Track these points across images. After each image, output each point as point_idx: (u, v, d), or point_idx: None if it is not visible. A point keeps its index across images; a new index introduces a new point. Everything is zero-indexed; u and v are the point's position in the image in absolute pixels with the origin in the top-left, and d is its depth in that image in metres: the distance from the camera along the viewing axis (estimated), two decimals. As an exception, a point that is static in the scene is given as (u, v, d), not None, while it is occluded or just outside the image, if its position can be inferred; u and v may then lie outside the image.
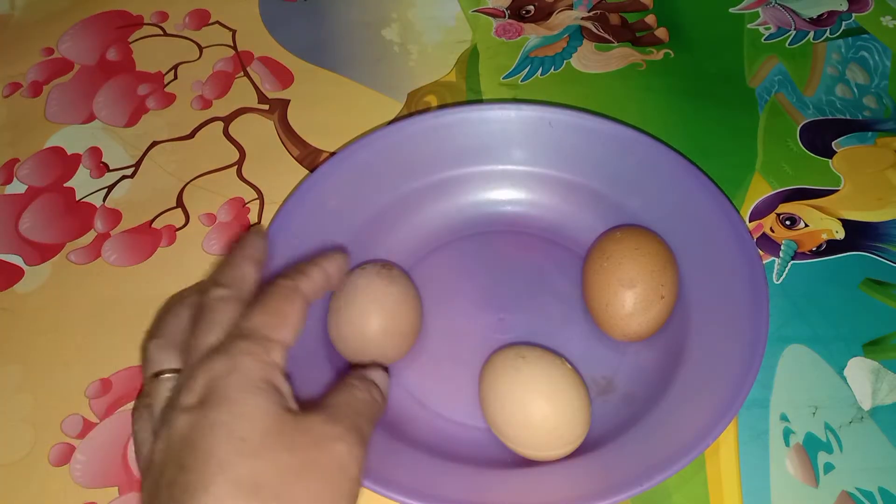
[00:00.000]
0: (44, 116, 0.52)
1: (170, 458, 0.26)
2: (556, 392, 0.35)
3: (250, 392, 0.27)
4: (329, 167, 0.43)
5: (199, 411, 0.27)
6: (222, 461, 0.25)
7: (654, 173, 0.43)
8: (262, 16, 0.58)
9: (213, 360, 0.28)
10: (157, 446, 0.27)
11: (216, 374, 0.27)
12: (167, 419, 0.28)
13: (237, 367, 0.28)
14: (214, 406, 0.27)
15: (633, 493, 0.33)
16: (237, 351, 0.28)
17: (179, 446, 0.26)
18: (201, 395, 0.27)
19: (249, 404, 0.27)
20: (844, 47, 0.55)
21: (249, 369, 0.28)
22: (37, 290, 0.44)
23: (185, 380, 0.28)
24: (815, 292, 0.43)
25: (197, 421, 0.26)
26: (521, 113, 0.45)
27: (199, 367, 0.28)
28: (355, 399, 0.30)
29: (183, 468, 0.26)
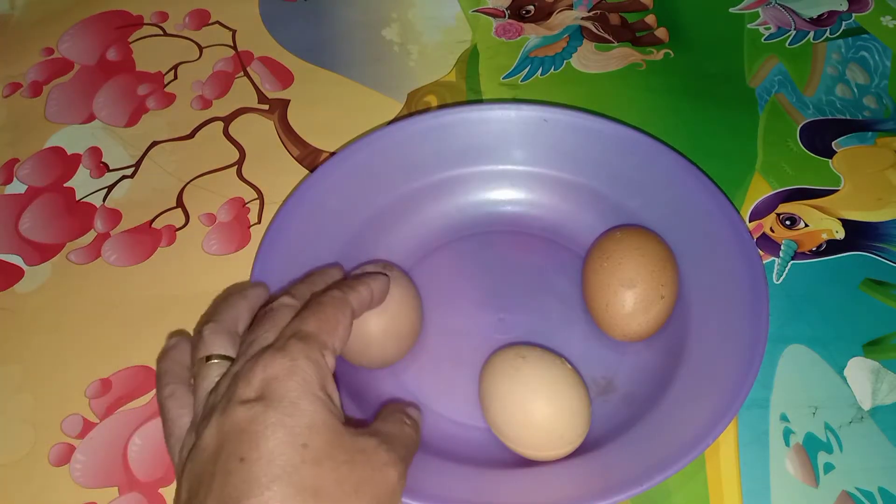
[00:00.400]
0: (44, 116, 0.52)
1: (225, 445, 0.27)
2: (556, 392, 0.35)
3: (310, 399, 0.28)
4: (329, 167, 0.43)
5: (258, 406, 0.27)
6: (286, 463, 0.26)
7: (654, 173, 0.43)
8: (262, 16, 0.58)
9: (272, 357, 0.29)
10: (206, 430, 0.28)
11: (275, 372, 0.28)
12: (221, 407, 0.28)
13: (297, 370, 0.28)
14: (275, 405, 0.27)
15: (633, 493, 0.33)
16: (297, 352, 0.29)
17: (237, 437, 0.27)
18: (259, 391, 0.28)
19: (310, 411, 0.28)
20: (844, 47, 0.55)
21: (309, 374, 0.29)
22: (37, 290, 0.44)
23: (242, 372, 0.29)
24: (815, 292, 0.43)
25: (256, 416, 0.27)
26: (521, 113, 0.45)
27: (257, 362, 0.29)
28: (405, 434, 0.32)
29: (244, 461, 0.26)
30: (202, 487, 0.27)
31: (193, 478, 0.28)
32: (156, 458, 0.38)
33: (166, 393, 0.33)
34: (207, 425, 0.28)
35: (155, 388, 0.34)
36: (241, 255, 0.45)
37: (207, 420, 0.29)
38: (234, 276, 0.44)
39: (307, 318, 0.31)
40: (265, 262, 0.40)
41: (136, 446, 0.39)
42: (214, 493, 0.26)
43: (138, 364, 0.41)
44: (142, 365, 0.41)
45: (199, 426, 0.29)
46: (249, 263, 0.40)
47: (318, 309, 0.32)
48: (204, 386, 0.31)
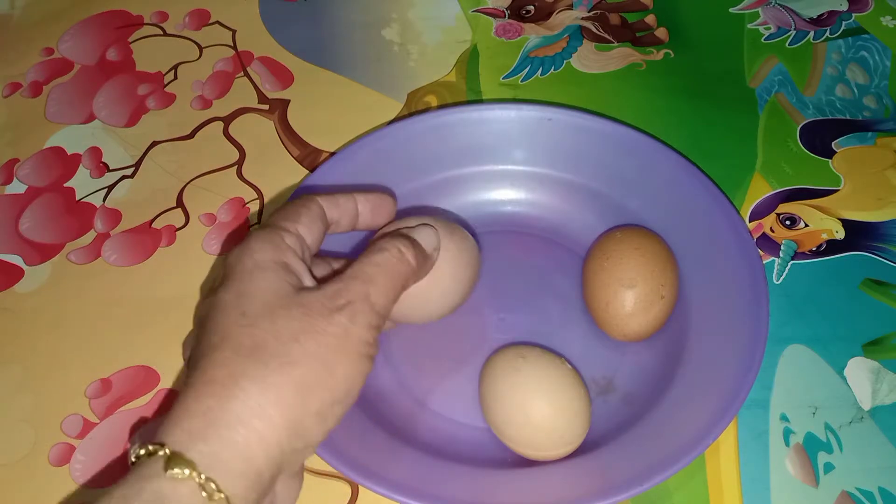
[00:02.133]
0: (44, 116, 0.52)
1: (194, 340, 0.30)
2: (556, 392, 0.35)
3: (256, 272, 0.30)
4: (329, 167, 0.43)
5: (213, 293, 0.30)
6: (224, 333, 0.28)
7: (654, 173, 0.43)
8: (262, 16, 0.58)
9: (232, 250, 0.31)
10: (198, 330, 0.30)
11: (231, 260, 0.31)
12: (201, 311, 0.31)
13: (246, 250, 0.30)
14: (223, 288, 0.30)
15: (633, 493, 0.33)
16: (251, 237, 0.31)
17: (199, 327, 0.30)
18: (222, 278, 0.30)
19: (253, 283, 0.29)
20: (844, 47, 0.55)
21: (257, 251, 0.30)
22: (37, 290, 0.44)
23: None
24: (815, 292, 0.43)
25: (211, 302, 0.30)
26: (521, 113, 0.45)
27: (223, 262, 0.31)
28: (374, 265, 0.31)
29: (198, 343, 0.29)
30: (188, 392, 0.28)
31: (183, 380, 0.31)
32: (156, 458, 0.38)
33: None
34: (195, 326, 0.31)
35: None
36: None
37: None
38: (234, 276, 0.44)
39: (271, 215, 0.33)
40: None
41: (136, 446, 0.39)
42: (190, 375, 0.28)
43: (138, 364, 0.41)
44: (142, 365, 0.41)
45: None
46: (249, 263, 0.40)
47: (280, 208, 0.33)
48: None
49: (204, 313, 0.30)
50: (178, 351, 0.41)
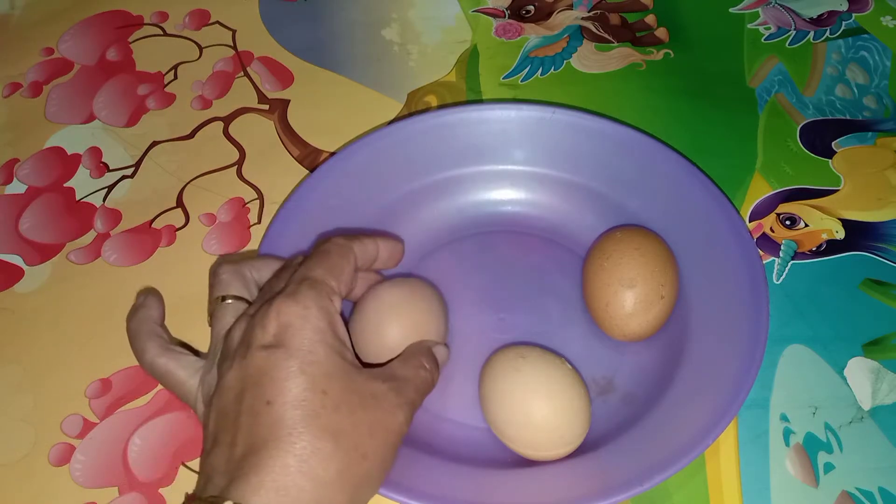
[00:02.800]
0: (44, 116, 0.52)
1: (249, 387, 0.30)
2: (556, 392, 0.35)
3: (324, 347, 0.30)
4: (329, 167, 0.43)
5: (278, 353, 0.30)
6: (309, 409, 0.29)
7: (654, 173, 0.43)
8: (262, 16, 0.58)
9: (285, 304, 0.31)
10: (230, 373, 0.30)
11: (289, 320, 0.30)
12: (242, 351, 0.31)
13: (309, 318, 0.31)
14: (295, 353, 0.30)
15: (633, 493, 0.33)
16: (307, 300, 0.31)
17: (260, 380, 0.29)
18: (276, 337, 0.30)
19: (325, 359, 0.30)
20: (844, 47, 0.55)
21: (321, 321, 0.31)
22: (37, 290, 0.44)
23: (258, 317, 0.31)
24: (815, 292, 0.43)
25: (278, 362, 0.30)
26: (521, 113, 0.45)
27: (271, 308, 0.31)
28: (418, 378, 0.33)
29: (270, 404, 0.29)
30: (229, 425, 0.29)
31: (219, 413, 0.30)
32: (156, 459, 0.38)
33: (153, 353, 0.34)
34: (231, 367, 0.31)
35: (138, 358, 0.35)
36: (241, 256, 0.45)
37: (230, 362, 0.31)
38: (234, 276, 0.44)
39: (313, 265, 0.33)
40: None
41: (136, 446, 0.39)
42: (243, 431, 0.29)
43: (138, 364, 0.41)
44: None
45: (222, 367, 0.32)
46: (249, 263, 0.40)
47: (324, 256, 0.34)
48: (220, 326, 0.34)
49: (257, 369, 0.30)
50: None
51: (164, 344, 0.35)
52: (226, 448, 0.29)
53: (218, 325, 0.34)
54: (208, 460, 0.29)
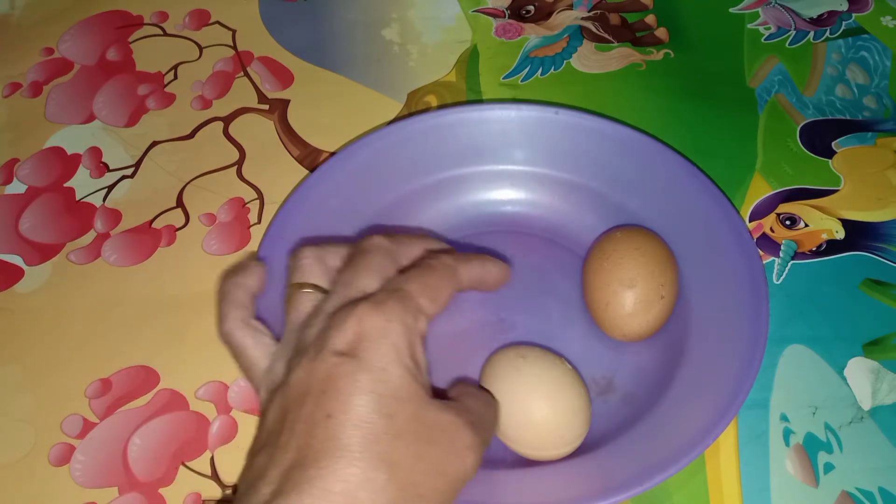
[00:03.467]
0: (44, 116, 0.52)
1: (313, 392, 0.28)
2: (557, 392, 0.35)
3: (400, 367, 0.28)
4: (329, 167, 0.43)
5: (350, 364, 0.28)
6: (370, 432, 0.26)
7: (654, 173, 0.43)
8: (262, 16, 0.58)
9: (368, 312, 0.29)
10: (297, 371, 0.29)
11: (369, 330, 0.28)
12: (314, 351, 0.29)
13: (390, 333, 0.28)
14: (367, 367, 0.28)
15: (633, 493, 0.33)
16: (393, 313, 0.29)
17: (325, 388, 0.27)
18: (351, 345, 0.28)
19: (398, 380, 0.28)
20: (844, 47, 0.55)
21: (401, 339, 0.29)
22: (37, 290, 0.44)
23: (337, 319, 0.29)
24: (815, 292, 0.43)
25: (347, 373, 0.27)
26: (521, 113, 0.45)
27: (353, 313, 0.29)
28: (489, 416, 0.32)
29: (330, 417, 0.27)
30: (286, 427, 0.28)
31: (280, 411, 0.28)
32: (156, 459, 0.38)
33: (233, 323, 0.33)
34: (298, 365, 0.29)
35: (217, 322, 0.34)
36: (241, 256, 0.45)
37: (299, 359, 0.29)
38: (234, 276, 0.44)
39: (412, 279, 0.31)
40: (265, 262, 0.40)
41: (135, 446, 0.39)
42: (297, 438, 0.27)
43: (138, 364, 0.41)
44: (142, 365, 0.41)
45: (291, 361, 0.30)
46: (249, 263, 0.40)
47: (426, 272, 0.32)
48: (295, 315, 0.32)
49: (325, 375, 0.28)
50: (178, 351, 0.42)
51: (246, 317, 0.33)
52: (278, 452, 0.27)
53: (294, 313, 0.32)
54: (257, 459, 0.28)
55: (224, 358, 0.41)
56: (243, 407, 0.40)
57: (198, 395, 0.40)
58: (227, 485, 0.38)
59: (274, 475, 0.27)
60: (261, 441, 0.29)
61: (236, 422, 0.39)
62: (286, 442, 0.27)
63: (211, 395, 0.40)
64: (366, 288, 0.31)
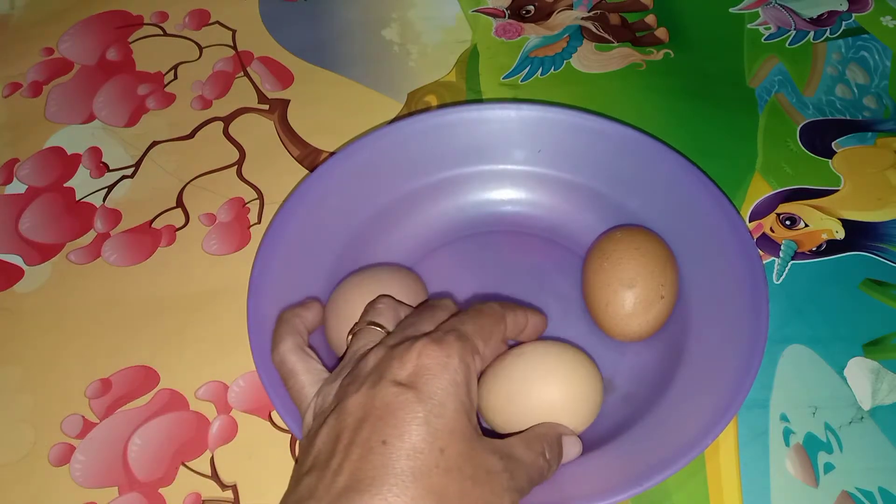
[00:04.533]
0: (44, 116, 0.52)
1: (370, 419, 0.28)
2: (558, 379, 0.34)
3: (456, 403, 0.29)
4: (329, 167, 0.43)
5: (409, 394, 0.29)
6: (423, 463, 0.27)
7: (654, 173, 0.43)
8: (262, 16, 0.58)
9: (429, 346, 0.30)
10: (354, 396, 0.30)
11: (429, 364, 0.30)
12: (373, 379, 0.30)
13: (449, 368, 0.30)
14: (425, 400, 0.29)
15: (633, 493, 0.33)
16: (452, 349, 0.30)
17: (383, 416, 0.28)
18: (411, 377, 0.29)
19: (453, 416, 0.29)
20: (844, 47, 0.55)
21: (459, 375, 0.30)
22: (37, 290, 0.44)
23: (398, 351, 0.30)
24: (815, 292, 0.43)
25: (405, 403, 0.28)
26: (521, 113, 0.45)
27: (414, 346, 0.30)
28: (536, 465, 0.32)
29: (386, 444, 0.28)
30: (339, 449, 0.28)
31: (333, 434, 0.29)
32: (156, 459, 0.38)
33: (288, 347, 0.35)
34: (357, 391, 0.30)
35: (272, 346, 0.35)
36: (241, 255, 0.45)
37: (357, 386, 0.30)
38: (234, 276, 0.44)
39: (466, 321, 0.33)
40: (265, 262, 0.40)
41: (136, 446, 0.39)
42: (351, 462, 0.28)
43: (138, 364, 0.41)
44: (142, 365, 0.41)
45: (348, 388, 0.30)
46: (249, 263, 0.40)
47: (477, 315, 0.33)
48: (357, 346, 0.33)
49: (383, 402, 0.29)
50: (178, 351, 0.42)
51: (301, 343, 0.35)
52: (329, 474, 0.28)
53: (356, 344, 0.34)
54: (305, 479, 0.28)
55: (224, 358, 0.41)
56: (243, 407, 0.40)
57: (198, 395, 0.40)
58: (227, 485, 0.38)
59: (325, 497, 0.27)
60: (308, 462, 0.29)
61: (236, 422, 0.39)
62: (339, 465, 0.28)
63: (211, 395, 0.40)
64: (425, 330, 0.32)
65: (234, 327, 0.41)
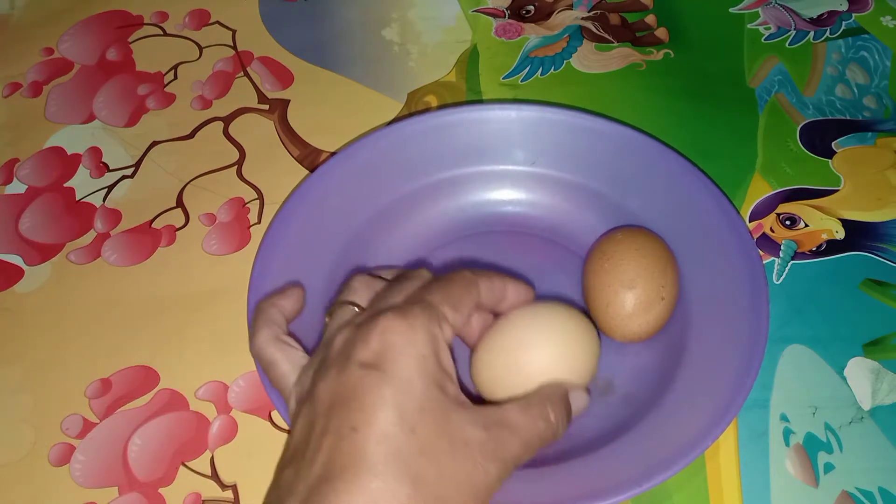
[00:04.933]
0: (44, 116, 0.52)
1: (338, 404, 0.28)
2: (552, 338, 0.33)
3: (424, 378, 0.28)
4: (329, 167, 0.43)
5: (374, 375, 0.28)
6: (394, 447, 0.27)
7: (654, 173, 0.43)
8: (262, 16, 0.58)
9: (392, 321, 0.29)
10: (323, 382, 0.29)
11: (393, 338, 0.29)
12: (340, 364, 0.29)
13: (414, 343, 0.29)
14: (391, 380, 0.28)
15: (633, 493, 0.33)
16: (416, 321, 0.29)
17: (350, 401, 0.28)
18: (376, 356, 0.28)
19: (422, 392, 0.28)
20: (844, 47, 0.55)
21: (425, 348, 0.29)
22: (37, 290, 0.44)
23: (362, 330, 0.30)
24: (815, 292, 0.43)
25: (371, 386, 0.28)
26: (521, 113, 0.45)
27: (377, 323, 0.29)
28: (532, 430, 0.30)
29: (355, 430, 0.27)
30: (313, 438, 0.28)
31: (307, 423, 0.29)
32: (156, 459, 0.38)
33: (264, 339, 0.33)
34: (325, 377, 0.29)
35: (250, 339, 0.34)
36: (241, 255, 0.45)
37: (326, 371, 0.29)
38: (234, 276, 0.44)
39: (433, 289, 0.31)
40: (265, 262, 0.40)
41: (136, 446, 0.39)
42: (324, 452, 0.27)
43: (138, 364, 0.41)
44: (142, 365, 0.41)
45: (318, 373, 0.30)
46: (249, 263, 0.40)
47: (445, 283, 0.32)
48: (332, 327, 0.33)
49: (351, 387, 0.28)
50: (178, 351, 0.42)
51: (278, 333, 0.34)
52: (304, 465, 0.28)
53: (331, 325, 0.33)
54: (285, 473, 0.28)
55: (224, 358, 0.41)
56: (243, 407, 0.40)
57: (198, 395, 0.40)
58: (227, 485, 0.38)
59: (302, 489, 0.27)
60: (288, 455, 0.29)
61: (236, 422, 0.39)
62: (312, 456, 0.28)
63: (211, 395, 0.40)
64: (393, 304, 0.31)
65: (234, 327, 0.41)
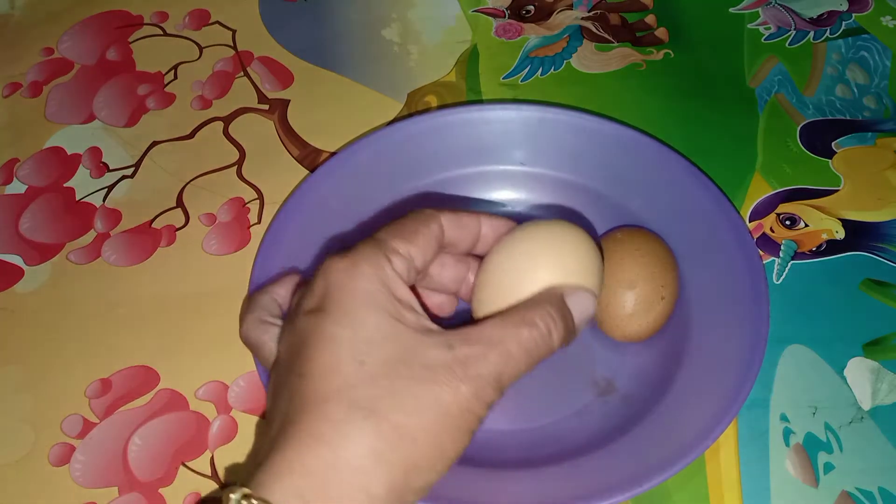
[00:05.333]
0: (44, 116, 0.52)
1: (291, 358, 0.27)
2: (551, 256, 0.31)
3: (371, 308, 0.27)
4: (329, 167, 0.43)
5: (318, 317, 0.27)
6: (341, 382, 0.25)
7: (654, 173, 0.43)
8: (262, 16, 0.58)
9: (334, 262, 0.28)
10: (280, 344, 0.28)
11: (335, 278, 0.27)
12: (290, 318, 0.28)
13: (357, 276, 0.27)
14: (333, 316, 0.26)
15: (633, 493, 0.33)
16: (359, 256, 0.28)
17: (298, 349, 0.27)
18: (320, 298, 0.27)
19: (370, 322, 0.26)
20: (844, 47, 0.55)
21: (370, 280, 0.27)
22: (37, 290, 0.44)
23: (310, 281, 0.28)
24: (815, 292, 0.43)
25: (314, 327, 0.27)
26: (521, 113, 0.45)
27: (321, 268, 0.28)
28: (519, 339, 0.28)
29: (302, 376, 0.26)
30: (277, 400, 0.27)
31: (273, 387, 0.28)
32: (156, 458, 0.38)
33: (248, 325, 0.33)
34: (281, 339, 0.29)
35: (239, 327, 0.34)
36: (241, 255, 0.45)
37: (282, 333, 0.29)
38: (234, 276, 0.44)
39: (384, 228, 0.30)
40: (265, 262, 0.40)
41: (136, 446, 0.39)
42: (280, 407, 0.26)
43: (138, 364, 0.41)
44: (142, 365, 0.41)
45: (280, 338, 0.30)
46: (249, 263, 0.40)
47: (398, 221, 0.30)
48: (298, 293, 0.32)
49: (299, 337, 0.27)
50: (178, 351, 0.42)
51: (262, 315, 0.32)
52: (268, 427, 0.26)
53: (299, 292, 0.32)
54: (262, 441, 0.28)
55: (224, 358, 0.41)
56: (243, 407, 0.40)
57: (198, 395, 0.40)
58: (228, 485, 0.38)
59: (264, 449, 0.26)
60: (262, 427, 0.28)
61: (236, 422, 0.39)
62: (271, 414, 0.27)
63: (211, 395, 0.40)
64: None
65: (234, 327, 0.41)
